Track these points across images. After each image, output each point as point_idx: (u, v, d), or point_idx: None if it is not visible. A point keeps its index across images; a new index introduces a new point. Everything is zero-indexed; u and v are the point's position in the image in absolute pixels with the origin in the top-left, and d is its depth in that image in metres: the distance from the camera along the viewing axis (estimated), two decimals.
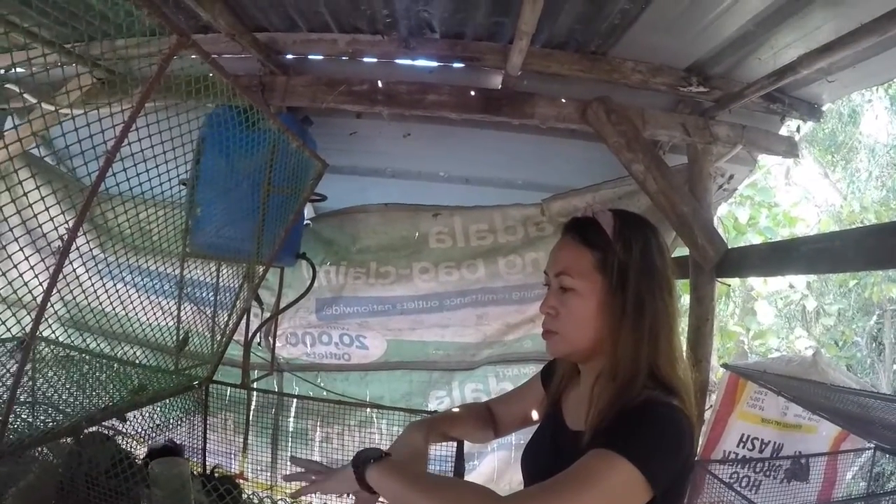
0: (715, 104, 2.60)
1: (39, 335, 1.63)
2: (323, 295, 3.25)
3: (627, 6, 2.05)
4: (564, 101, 2.56)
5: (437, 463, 2.77)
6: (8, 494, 1.52)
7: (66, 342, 1.97)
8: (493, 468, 3.31)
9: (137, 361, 2.11)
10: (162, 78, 1.29)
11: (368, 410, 3.04)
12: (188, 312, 2.24)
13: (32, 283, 1.37)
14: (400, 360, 3.34)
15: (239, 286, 2.40)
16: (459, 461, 2.33)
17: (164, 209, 1.75)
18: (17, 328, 1.44)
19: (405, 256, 3.23)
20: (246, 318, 2.65)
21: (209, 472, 2.40)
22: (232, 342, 2.47)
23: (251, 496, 2.30)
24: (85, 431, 1.77)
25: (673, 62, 2.46)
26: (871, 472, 2.62)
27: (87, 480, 1.69)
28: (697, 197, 2.64)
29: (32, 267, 1.36)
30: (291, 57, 2.59)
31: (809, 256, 1.94)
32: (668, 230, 2.55)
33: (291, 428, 2.97)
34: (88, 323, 1.72)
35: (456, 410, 1.49)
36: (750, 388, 2.59)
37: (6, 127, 1.78)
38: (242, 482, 2.55)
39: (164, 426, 2.35)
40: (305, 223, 3.16)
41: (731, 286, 6.46)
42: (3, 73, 1.85)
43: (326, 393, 3.22)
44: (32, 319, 1.37)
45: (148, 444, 2.16)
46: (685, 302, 2.79)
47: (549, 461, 1.12)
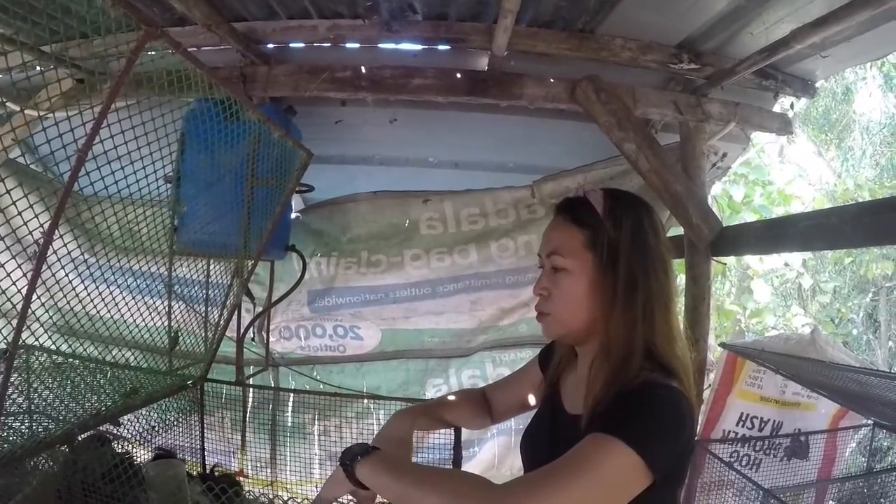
0: (707, 81, 2.55)
1: (23, 343, 1.58)
2: (315, 287, 3.21)
3: None
4: (553, 80, 2.50)
5: (436, 451, 2.78)
6: None
7: (56, 350, 1.94)
8: (493, 454, 3.31)
9: (130, 364, 2.07)
10: (137, 74, 1.24)
11: (366, 402, 3.02)
12: (179, 311, 2.20)
13: (12, 290, 1.32)
14: (395, 349, 3.31)
15: (229, 282, 2.36)
16: (457, 449, 2.32)
17: (149, 208, 1.70)
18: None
19: (396, 244, 3.19)
20: (237, 314, 2.61)
21: (209, 471, 2.39)
22: (226, 339, 2.44)
23: (252, 494, 2.28)
24: (79, 438, 1.74)
25: (663, 39, 2.40)
26: (870, 448, 2.62)
27: (83, 487, 1.66)
28: (691, 175, 2.61)
29: (9, 274, 1.31)
30: (272, 46, 2.53)
31: (806, 233, 1.90)
32: (661, 210, 2.51)
33: (289, 423, 2.94)
34: (78, 328, 1.68)
35: (450, 397, 1.46)
36: (748, 366, 2.58)
37: None
38: (242, 480, 2.54)
39: (160, 427, 2.32)
40: (295, 215, 3.11)
41: (726, 265, 6.46)
42: None
43: (323, 386, 3.19)
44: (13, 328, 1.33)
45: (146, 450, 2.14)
46: (681, 282, 2.77)
47: (547, 446, 1.11)
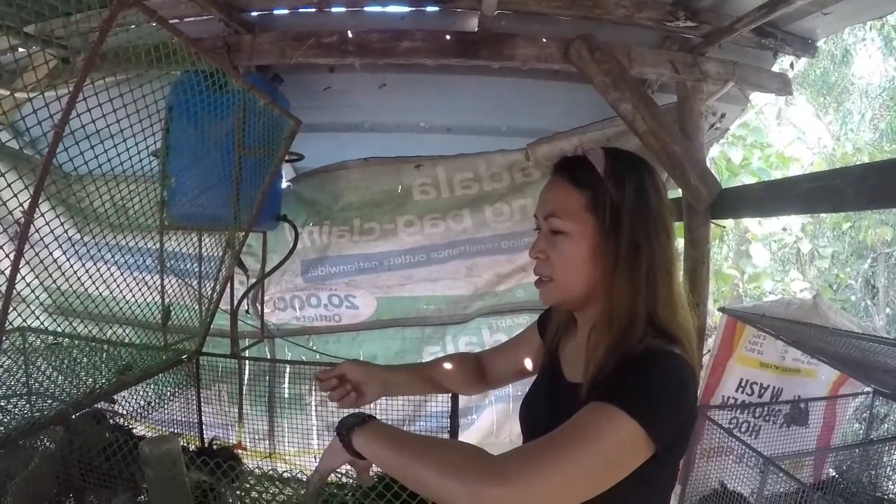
0: (704, 40, 2.47)
1: (10, 325, 1.56)
2: (308, 256, 3.17)
3: None
4: (545, 40, 2.42)
5: (433, 419, 2.79)
6: (9, 487, 1.49)
7: (46, 329, 1.93)
8: (491, 421, 3.32)
9: (125, 341, 2.06)
10: (120, 48, 1.20)
11: None
12: (172, 286, 2.17)
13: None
14: (391, 317, 3.29)
15: (221, 255, 2.33)
16: (454, 417, 2.33)
17: (137, 184, 1.68)
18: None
19: (389, 211, 3.14)
20: (231, 286, 2.59)
21: (207, 444, 2.39)
22: (220, 312, 2.42)
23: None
24: (74, 416, 1.73)
25: None
26: (869, 415, 2.62)
27: (80, 465, 1.66)
28: (689, 136, 2.55)
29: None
30: (256, 14, 2.44)
31: (807, 196, 1.85)
32: (659, 171, 2.47)
33: (286, 394, 2.93)
34: (73, 307, 1.67)
35: (446, 365, 1.42)
36: (748, 332, 2.55)
37: None
38: (241, 452, 2.55)
39: (157, 403, 2.32)
40: (285, 185, 3.06)
41: (725, 228, 6.43)
42: None
43: (319, 356, 3.18)
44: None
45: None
46: (680, 245, 2.74)
47: (546, 414, 1.09)
